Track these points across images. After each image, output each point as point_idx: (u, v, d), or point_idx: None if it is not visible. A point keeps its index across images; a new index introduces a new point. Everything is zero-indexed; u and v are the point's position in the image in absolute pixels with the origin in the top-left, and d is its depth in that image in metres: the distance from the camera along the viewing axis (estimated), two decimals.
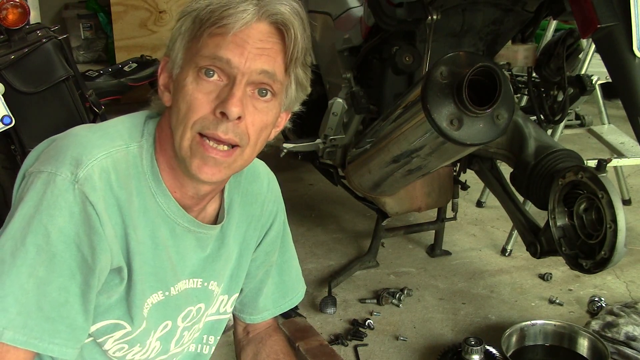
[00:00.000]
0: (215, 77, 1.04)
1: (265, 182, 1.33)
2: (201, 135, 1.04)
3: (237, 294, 1.36)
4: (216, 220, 1.23)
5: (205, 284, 1.25)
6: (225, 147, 1.05)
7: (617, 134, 3.05)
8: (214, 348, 1.39)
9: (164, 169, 1.12)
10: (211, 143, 1.04)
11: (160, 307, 1.18)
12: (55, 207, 1.00)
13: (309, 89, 1.16)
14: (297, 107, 1.18)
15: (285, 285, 1.44)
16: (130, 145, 1.09)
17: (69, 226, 1.00)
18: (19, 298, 0.98)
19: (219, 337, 1.39)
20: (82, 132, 1.08)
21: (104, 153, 1.04)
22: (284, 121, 1.17)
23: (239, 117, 1.03)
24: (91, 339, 1.15)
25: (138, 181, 1.09)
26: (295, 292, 1.46)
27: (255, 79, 1.04)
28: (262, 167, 1.34)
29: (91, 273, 1.03)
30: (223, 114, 1.02)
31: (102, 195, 1.02)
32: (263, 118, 1.07)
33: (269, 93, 1.07)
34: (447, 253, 2.90)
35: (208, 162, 1.05)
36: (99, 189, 1.02)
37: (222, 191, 1.23)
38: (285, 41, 1.06)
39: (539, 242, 2.05)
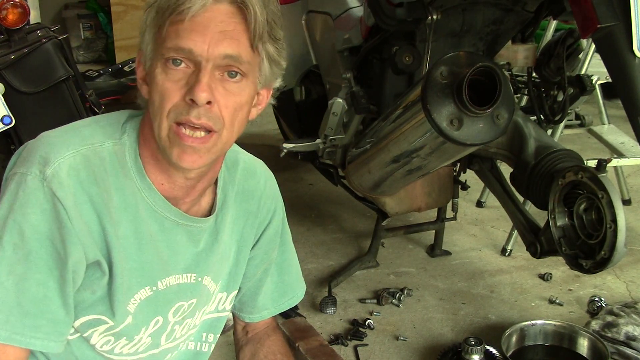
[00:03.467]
0: (183, 65, 1.04)
1: (262, 179, 1.33)
2: (177, 124, 1.05)
3: (236, 292, 1.37)
4: (209, 214, 1.24)
5: (200, 279, 1.25)
6: (202, 133, 1.05)
7: (617, 134, 3.05)
8: (213, 346, 1.40)
9: (148, 162, 1.13)
10: (187, 131, 1.04)
11: (149, 303, 1.18)
12: (28, 205, 1.02)
13: (284, 64, 1.14)
14: (277, 83, 1.17)
15: (284, 285, 1.44)
16: (104, 143, 1.10)
17: (42, 223, 1.03)
18: None
19: (218, 335, 1.40)
20: (53, 134, 1.10)
21: (72, 151, 1.06)
22: (265, 99, 1.17)
23: (209, 102, 1.03)
24: (78, 334, 1.16)
25: (117, 177, 1.09)
26: (294, 291, 1.46)
27: (221, 63, 1.04)
28: (259, 165, 1.35)
29: (64, 267, 1.05)
30: (193, 100, 1.03)
31: (70, 191, 1.04)
32: (236, 99, 1.07)
33: (238, 74, 1.06)
34: (447, 253, 2.90)
35: (187, 151, 1.06)
36: (66, 185, 1.04)
37: (216, 185, 1.24)
38: (243, 18, 1.05)
39: (539, 242, 2.05)
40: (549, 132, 2.59)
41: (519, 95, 2.70)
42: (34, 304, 1.03)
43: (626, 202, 3.34)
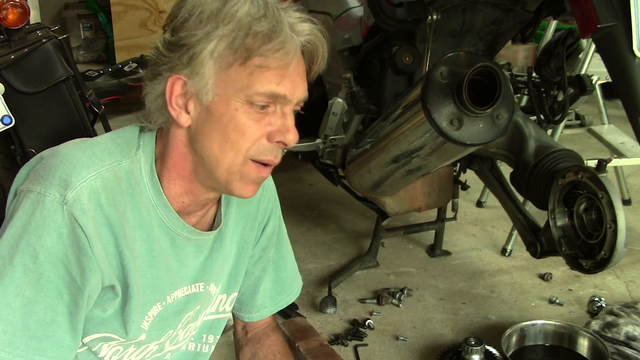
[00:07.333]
0: (269, 107, 1.06)
1: None
2: (253, 160, 1.07)
3: (236, 293, 1.37)
4: (213, 223, 1.24)
5: (207, 286, 1.26)
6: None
7: (617, 134, 3.05)
8: (213, 347, 1.40)
9: (168, 178, 1.11)
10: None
11: (161, 318, 1.18)
12: (44, 227, 1.00)
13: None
14: None
15: (281, 282, 1.44)
16: (121, 162, 1.08)
17: (57, 247, 1.00)
18: (5, 317, 0.99)
19: (218, 336, 1.40)
20: (71, 152, 1.07)
21: (93, 174, 1.03)
22: None
23: None
24: (86, 348, 1.16)
25: (132, 196, 1.08)
26: (292, 288, 1.47)
27: (296, 107, 1.09)
28: None
29: (80, 293, 1.03)
30: (283, 142, 1.06)
31: (91, 216, 1.02)
32: None
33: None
34: (447, 253, 2.90)
35: (258, 182, 1.10)
36: (87, 210, 1.01)
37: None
38: (308, 60, 1.10)
39: (539, 242, 2.04)
40: (549, 132, 2.59)
41: (519, 95, 2.70)
42: (41, 327, 1.01)
43: (626, 202, 3.34)
